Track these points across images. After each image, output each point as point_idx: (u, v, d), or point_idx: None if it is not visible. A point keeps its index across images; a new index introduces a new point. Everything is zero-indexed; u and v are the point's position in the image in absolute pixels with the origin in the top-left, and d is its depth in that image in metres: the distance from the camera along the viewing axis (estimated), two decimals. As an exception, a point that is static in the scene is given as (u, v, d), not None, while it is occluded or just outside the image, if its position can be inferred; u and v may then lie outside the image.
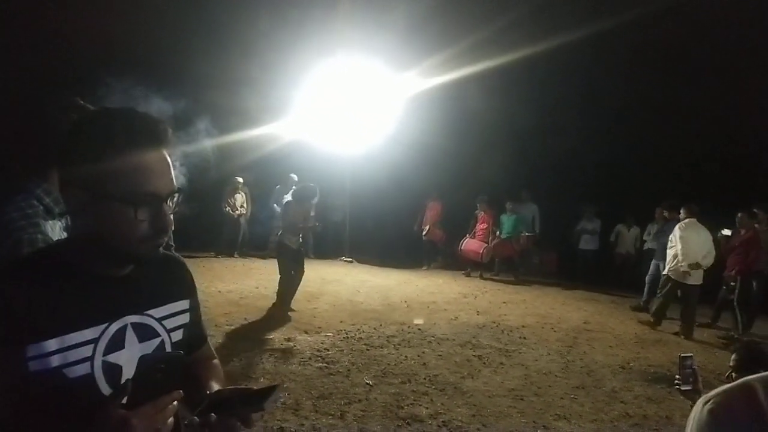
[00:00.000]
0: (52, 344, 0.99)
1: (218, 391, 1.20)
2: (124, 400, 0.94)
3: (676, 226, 7.60)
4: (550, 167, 12.62)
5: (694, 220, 7.49)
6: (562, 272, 12.36)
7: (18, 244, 1.68)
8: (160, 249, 1.13)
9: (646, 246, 10.49)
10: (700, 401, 0.97)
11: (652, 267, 9.02)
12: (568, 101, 12.16)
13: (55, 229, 1.77)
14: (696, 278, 7.37)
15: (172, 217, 1.10)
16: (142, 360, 1.01)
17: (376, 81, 10.35)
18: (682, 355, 2.27)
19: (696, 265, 7.26)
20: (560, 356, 6.00)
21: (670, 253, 7.60)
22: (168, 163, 1.09)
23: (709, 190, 10.77)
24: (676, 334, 7.47)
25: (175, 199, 1.11)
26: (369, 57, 9.84)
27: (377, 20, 9.18)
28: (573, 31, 9.24)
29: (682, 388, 2.22)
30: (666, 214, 8.86)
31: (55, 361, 0.99)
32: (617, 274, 11.92)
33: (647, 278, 9.09)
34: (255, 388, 1.17)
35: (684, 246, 7.30)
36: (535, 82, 11.82)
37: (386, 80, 10.26)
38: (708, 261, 7.33)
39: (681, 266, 7.31)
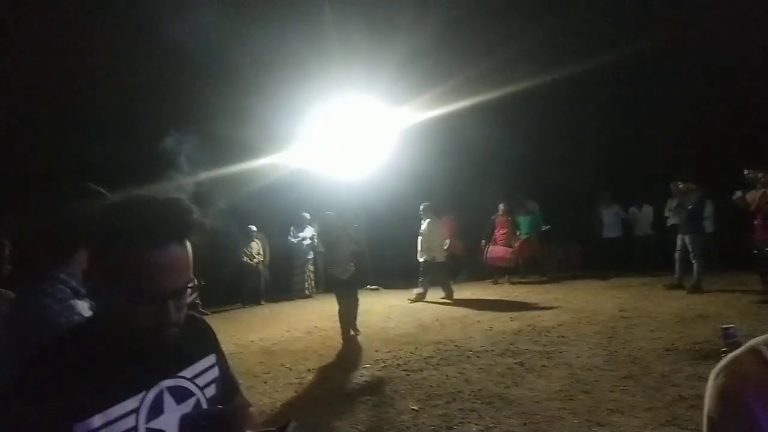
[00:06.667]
0: (96, 420, 1.00)
1: None
2: None
3: (423, 224, 9.89)
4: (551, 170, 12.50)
5: (434, 218, 9.96)
6: (589, 264, 12.21)
7: (57, 330, 1.68)
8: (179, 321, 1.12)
9: (669, 222, 10.35)
10: (711, 374, 0.95)
11: (678, 242, 8.85)
12: (560, 128, 12.37)
13: (85, 309, 1.78)
14: (442, 257, 9.96)
15: (181, 310, 1.10)
16: (183, 420, 1.03)
17: (373, 115, 10.58)
18: (723, 327, 2.21)
19: (441, 247, 9.98)
20: (602, 349, 5.89)
21: (421, 243, 9.91)
22: (189, 254, 1.09)
23: (715, 155, 10.75)
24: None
25: (191, 288, 1.11)
26: (366, 92, 10.20)
27: (374, 57, 9.52)
28: (561, 67, 10.13)
29: None
30: (681, 186, 8.75)
31: None
32: (643, 257, 11.76)
33: (676, 255, 8.93)
34: (272, 429, 1.17)
35: (430, 237, 9.82)
36: (527, 112, 12.01)
37: (382, 114, 10.56)
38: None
39: (426, 251, 9.79)
